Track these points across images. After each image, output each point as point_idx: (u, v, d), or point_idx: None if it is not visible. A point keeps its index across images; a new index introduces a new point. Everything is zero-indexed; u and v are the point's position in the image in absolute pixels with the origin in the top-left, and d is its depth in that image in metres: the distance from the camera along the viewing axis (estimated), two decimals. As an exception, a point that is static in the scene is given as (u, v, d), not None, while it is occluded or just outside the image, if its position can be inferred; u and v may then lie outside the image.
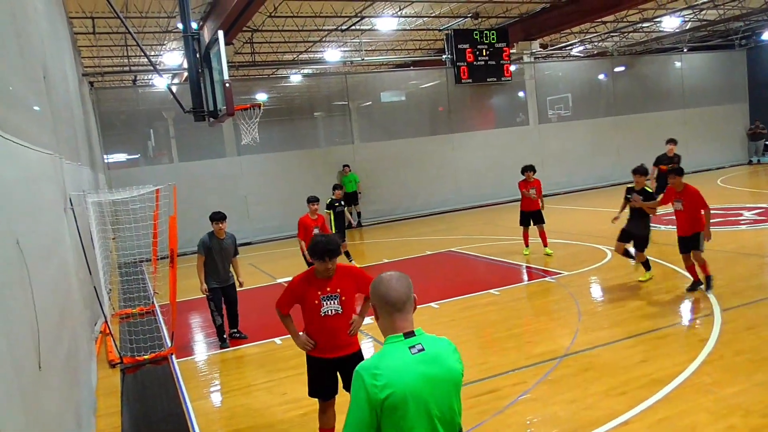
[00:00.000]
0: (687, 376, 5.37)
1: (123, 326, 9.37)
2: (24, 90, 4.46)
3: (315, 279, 4.34)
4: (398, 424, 2.29)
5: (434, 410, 2.33)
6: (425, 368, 2.34)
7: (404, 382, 2.29)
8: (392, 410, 2.27)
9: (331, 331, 4.35)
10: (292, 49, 23.17)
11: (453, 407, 2.40)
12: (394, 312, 2.44)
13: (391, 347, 2.39)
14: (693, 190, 7.98)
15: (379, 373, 2.29)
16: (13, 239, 2.95)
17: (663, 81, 24.42)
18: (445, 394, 2.37)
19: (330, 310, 4.32)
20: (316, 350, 4.43)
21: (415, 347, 2.38)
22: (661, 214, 14.66)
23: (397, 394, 2.27)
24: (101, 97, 17.50)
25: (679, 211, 8.10)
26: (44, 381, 3.25)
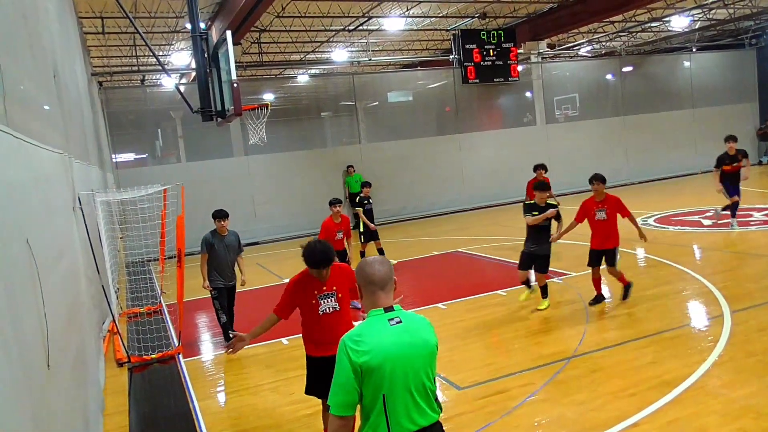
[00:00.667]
0: (697, 377, 5.32)
1: (131, 325, 9.40)
2: (35, 90, 4.48)
3: (311, 279, 4.42)
4: (376, 385, 2.57)
5: (409, 374, 2.62)
6: (401, 337, 2.65)
7: (382, 347, 2.59)
8: (370, 372, 2.56)
9: (329, 329, 4.39)
10: (299, 50, 23.20)
11: (427, 374, 2.68)
12: (377, 290, 2.74)
13: (373, 320, 2.69)
14: (615, 198, 7.66)
15: (360, 339, 2.60)
16: (23, 238, 2.95)
17: (672, 81, 24.29)
18: (419, 361, 2.65)
19: (328, 308, 4.41)
20: (315, 348, 4.50)
21: (394, 320, 2.69)
22: (671, 214, 14.61)
23: (375, 358, 2.56)
24: (110, 96, 17.58)
25: (601, 222, 7.62)
26: (53, 380, 3.25)
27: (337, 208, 9.01)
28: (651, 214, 14.89)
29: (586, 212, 7.72)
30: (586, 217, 7.73)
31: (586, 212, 7.72)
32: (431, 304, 9.04)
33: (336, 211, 9.00)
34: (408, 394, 2.62)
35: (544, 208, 7.70)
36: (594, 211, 7.62)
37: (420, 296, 9.88)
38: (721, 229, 12.09)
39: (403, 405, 2.61)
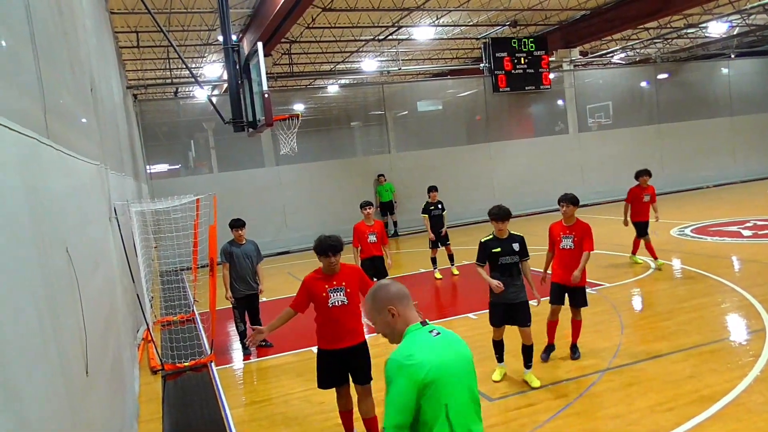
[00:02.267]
0: (738, 393, 5.16)
1: (164, 333, 9.53)
2: (73, 103, 4.60)
3: (322, 275, 4.79)
4: (438, 396, 2.46)
5: (462, 383, 2.56)
6: (447, 348, 2.58)
7: (435, 358, 2.50)
8: (430, 384, 2.44)
9: (337, 322, 4.72)
10: (329, 60, 23.41)
11: (472, 384, 2.63)
12: (409, 304, 2.71)
13: (414, 334, 2.62)
14: (585, 226, 6.40)
15: (411, 355, 2.49)
16: (62, 247, 3.02)
17: (709, 88, 23.78)
18: (465, 372, 2.60)
19: (337, 301, 4.72)
20: (325, 342, 4.82)
21: (433, 332, 2.63)
22: (708, 224, 14.26)
23: (433, 369, 2.46)
24: (144, 108, 17.97)
25: (567, 252, 6.38)
26: (91, 387, 3.31)
27: (368, 210, 8.90)
28: (688, 224, 14.54)
29: (552, 238, 6.54)
30: (553, 242, 6.54)
31: (552, 238, 6.54)
32: (462, 314, 8.97)
33: (367, 214, 8.90)
34: (466, 404, 2.57)
35: (508, 242, 5.96)
36: (560, 237, 6.44)
37: (450, 306, 9.83)
38: (760, 240, 11.75)
39: (464, 414, 2.55)
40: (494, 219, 5.97)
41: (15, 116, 2.35)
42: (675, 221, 15.25)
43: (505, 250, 5.92)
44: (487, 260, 6.00)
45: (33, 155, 2.61)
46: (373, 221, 9.01)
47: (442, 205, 11.63)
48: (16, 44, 2.69)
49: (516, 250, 5.92)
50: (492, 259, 5.95)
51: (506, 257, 5.91)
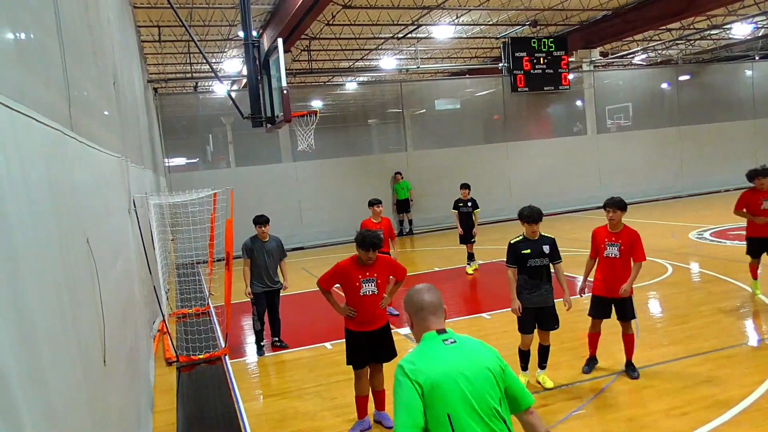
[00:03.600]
0: (755, 398, 5.10)
1: (180, 326, 9.63)
2: (96, 96, 4.67)
3: (358, 265, 5.17)
4: (439, 404, 2.45)
5: (473, 394, 2.47)
6: (457, 355, 2.57)
7: (439, 364, 2.52)
8: (431, 390, 2.46)
9: (367, 309, 5.19)
10: (348, 57, 23.46)
11: (492, 396, 2.51)
12: (428, 315, 2.72)
13: (427, 342, 2.67)
14: (635, 234, 5.89)
15: (416, 360, 2.57)
16: (83, 238, 3.07)
17: (732, 90, 23.45)
18: (481, 382, 2.51)
19: (368, 291, 5.16)
20: (354, 324, 5.24)
21: (448, 340, 2.64)
22: (728, 228, 14.09)
23: (433, 375, 2.48)
24: (164, 102, 18.14)
25: (611, 260, 5.90)
26: (108, 375, 3.36)
27: (377, 208, 9.03)
28: (707, 228, 14.38)
29: (596, 245, 6.08)
30: (596, 250, 6.09)
31: (596, 245, 6.08)
32: (475, 313, 8.97)
33: (375, 212, 9.02)
34: (477, 417, 2.46)
35: (538, 243, 5.79)
36: (605, 244, 5.95)
37: (464, 306, 9.82)
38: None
39: (469, 425, 2.44)
40: (526, 221, 5.79)
41: (41, 108, 2.39)
42: (694, 224, 15.09)
43: (534, 252, 5.73)
44: (516, 262, 5.81)
45: (57, 147, 2.66)
46: (381, 219, 9.10)
47: (473, 203, 11.62)
48: (44, 37, 2.74)
49: (546, 253, 5.75)
50: (521, 261, 5.76)
51: (535, 260, 5.73)
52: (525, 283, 5.77)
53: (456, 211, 11.69)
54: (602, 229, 6.05)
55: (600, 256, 6.03)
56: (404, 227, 18.97)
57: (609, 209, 5.93)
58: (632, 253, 5.85)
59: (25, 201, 2.05)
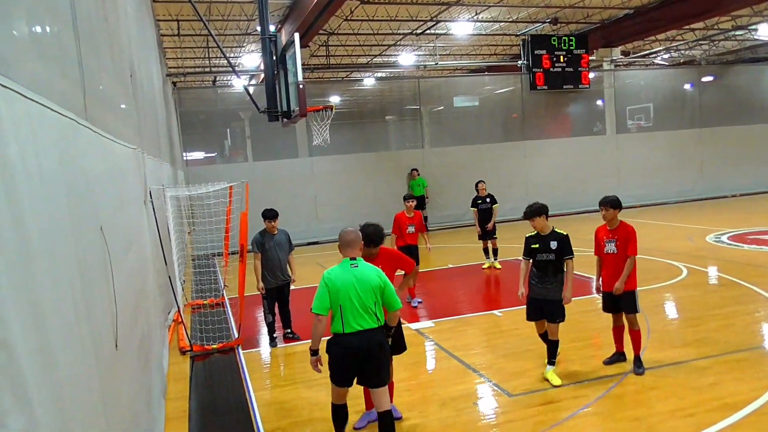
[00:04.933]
0: (763, 402, 5.06)
1: (194, 316, 9.77)
2: (112, 88, 4.76)
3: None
4: (337, 299, 4.39)
5: (355, 298, 4.38)
6: (355, 273, 4.47)
7: (341, 278, 4.45)
8: (335, 291, 4.40)
9: None
10: (366, 53, 23.48)
11: (369, 298, 4.41)
12: (347, 248, 4.57)
13: (342, 264, 4.54)
14: (630, 229, 6.12)
15: (332, 272, 4.51)
16: (97, 226, 3.16)
17: (756, 92, 23.09)
18: (364, 290, 4.41)
19: None
20: None
21: (354, 264, 4.51)
22: (746, 232, 13.91)
23: (336, 283, 4.42)
24: (183, 96, 18.33)
25: (611, 256, 6.12)
26: (120, 360, 3.45)
27: (409, 203, 9.42)
28: (725, 231, 14.20)
29: (597, 242, 6.34)
30: (598, 247, 6.34)
31: (597, 242, 6.34)
32: (487, 310, 8.98)
33: (408, 206, 9.40)
34: (356, 308, 4.38)
35: (546, 239, 6.01)
36: (603, 242, 6.22)
37: (476, 303, 9.83)
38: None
39: (352, 314, 4.39)
40: (526, 217, 6.13)
41: (56, 98, 2.46)
42: (712, 228, 14.91)
43: (542, 247, 5.98)
44: (528, 255, 6.10)
45: (71, 136, 2.73)
46: (413, 213, 9.49)
47: (491, 199, 11.66)
48: (59, 27, 2.81)
49: (552, 249, 5.93)
50: (531, 254, 6.07)
51: (542, 254, 5.97)
52: (533, 275, 6.10)
53: (475, 209, 11.71)
54: (602, 227, 6.31)
55: (602, 253, 6.26)
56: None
57: (601, 207, 6.20)
58: (625, 248, 6.04)
59: (39, 188, 2.12)
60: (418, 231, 9.47)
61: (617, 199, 6.19)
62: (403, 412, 5.45)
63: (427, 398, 5.79)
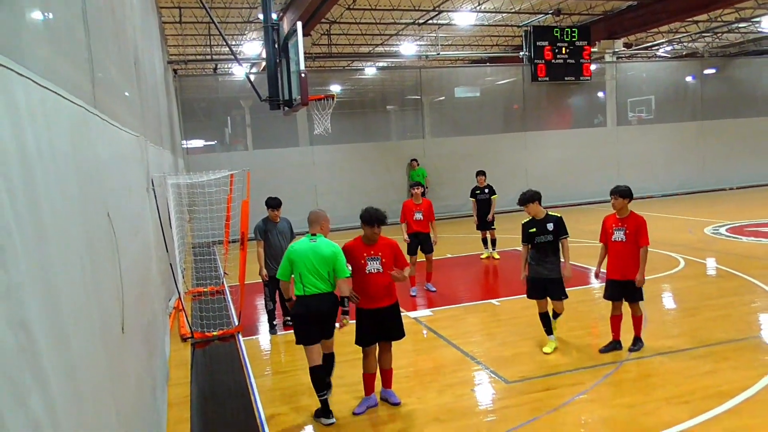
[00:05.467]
0: (757, 390, 5.16)
1: (195, 303, 9.85)
2: (118, 76, 4.80)
3: (362, 244, 5.48)
4: (297, 268, 5.27)
5: (311, 265, 5.23)
6: (312, 246, 5.30)
7: (301, 249, 5.31)
8: (294, 261, 5.28)
9: (373, 286, 5.39)
10: (368, 42, 23.44)
11: (323, 268, 5.24)
12: (310, 225, 5.47)
13: (305, 238, 5.41)
14: (640, 219, 6.26)
15: (294, 245, 5.44)
16: (104, 212, 3.22)
17: (758, 85, 23.07)
18: (318, 260, 5.23)
19: (373, 268, 5.39)
20: (363, 302, 5.41)
21: (313, 239, 5.35)
22: (745, 224, 13.98)
23: (296, 254, 5.30)
24: (184, 84, 18.31)
25: (619, 244, 6.23)
26: (127, 344, 3.52)
27: (415, 190, 9.57)
28: (724, 223, 14.28)
29: (604, 231, 6.46)
30: (605, 234, 6.46)
31: (604, 231, 6.46)
32: (485, 299, 9.06)
33: (415, 193, 9.54)
34: (312, 274, 5.23)
35: (542, 222, 6.43)
36: (612, 229, 6.34)
37: (474, 292, 9.91)
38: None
39: (308, 279, 5.24)
40: (520, 204, 6.58)
41: (67, 86, 2.52)
42: (710, 219, 14.99)
43: (539, 230, 6.42)
44: (527, 240, 6.51)
45: (82, 123, 2.79)
46: (421, 200, 9.56)
47: (490, 190, 11.71)
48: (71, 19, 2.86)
49: (550, 230, 6.38)
50: (529, 239, 6.48)
51: (541, 236, 6.41)
52: (533, 257, 6.52)
53: (474, 200, 11.77)
54: (612, 216, 6.45)
55: (609, 241, 6.39)
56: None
57: (612, 196, 6.40)
58: (635, 238, 6.19)
59: (53, 174, 2.18)
60: (427, 219, 9.49)
61: (628, 188, 6.38)
62: (401, 398, 5.54)
63: (426, 385, 5.88)
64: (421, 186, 9.86)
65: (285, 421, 5.32)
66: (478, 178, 11.85)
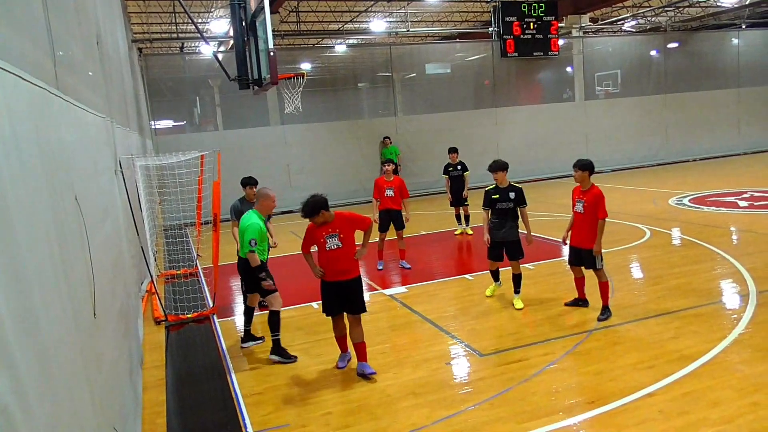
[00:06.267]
0: (716, 353, 5.38)
1: (168, 287, 9.78)
2: (81, 55, 4.70)
3: (321, 224, 5.72)
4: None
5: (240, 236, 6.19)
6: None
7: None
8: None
9: (334, 261, 5.70)
10: (337, 19, 23.16)
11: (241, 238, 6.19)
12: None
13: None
14: (598, 193, 6.58)
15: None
16: (71, 195, 3.18)
17: (718, 59, 23.55)
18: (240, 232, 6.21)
19: (333, 245, 5.69)
20: (327, 276, 5.77)
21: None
22: (707, 195, 14.36)
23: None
24: (149, 63, 17.91)
25: (578, 215, 6.71)
26: (99, 328, 3.51)
27: (386, 166, 9.75)
28: (687, 194, 14.65)
29: (572, 201, 6.88)
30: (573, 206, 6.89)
31: (572, 201, 6.88)
32: (459, 275, 9.19)
33: (386, 170, 9.72)
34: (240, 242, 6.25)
35: (506, 191, 7.08)
36: (575, 201, 6.78)
37: (448, 267, 10.02)
38: (755, 211, 11.88)
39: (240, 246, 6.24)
40: (490, 170, 7.22)
41: (28, 67, 2.47)
42: (674, 191, 15.35)
43: (502, 197, 7.11)
44: (489, 205, 7.17)
45: (44, 105, 2.74)
46: (393, 177, 9.71)
47: (462, 166, 11.80)
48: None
49: (511, 198, 7.08)
50: (491, 204, 7.16)
51: (502, 203, 7.11)
52: (494, 222, 7.23)
53: (446, 176, 11.86)
54: (577, 188, 6.88)
55: (573, 211, 6.85)
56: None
57: (573, 169, 6.78)
58: (593, 210, 6.57)
59: (15, 159, 2.15)
60: (398, 196, 9.65)
61: (589, 162, 6.72)
62: (378, 374, 5.63)
63: (402, 360, 5.97)
64: (393, 163, 9.97)
65: (262, 401, 5.37)
66: (450, 155, 11.92)
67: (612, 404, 4.64)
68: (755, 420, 4.25)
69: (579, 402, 4.74)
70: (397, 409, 4.92)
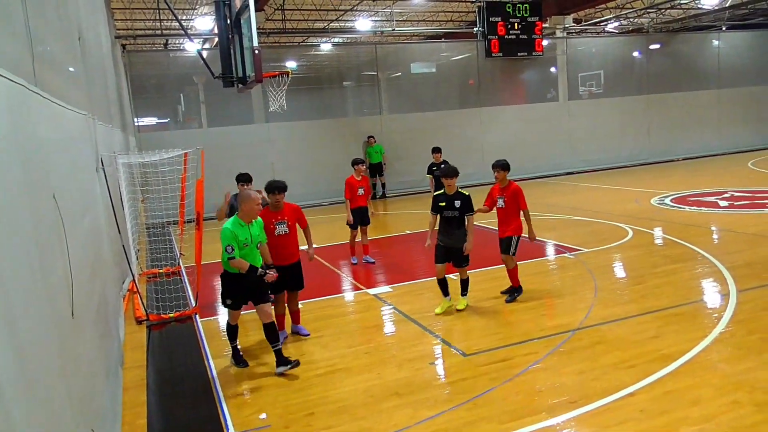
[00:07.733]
0: (697, 352, 5.43)
1: (150, 285, 9.68)
2: (61, 51, 4.63)
3: (271, 211, 6.44)
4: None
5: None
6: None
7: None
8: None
9: (282, 246, 6.44)
10: (322, 18, 23.10)
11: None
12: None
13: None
14: (516, 188, 7.39)
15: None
16: (49, 193, 3.13)
17: (699, 60, 23.88)
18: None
19: (281, 231, 6.44)
20: (276, 260, 6.31)
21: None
22: (688, 194, 14.53)
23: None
24: (133, 60, 17.72)
25: (501, 210, 7.51)
26: (77, 328, 3.46)
27: (359, 167, 10.00)
28: (668, 194, 14.80)
29: (491, 198, 7.59)
30: (492, 202, 7.59)
31: (491, 198, 7.59)
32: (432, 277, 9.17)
33: (357, 170, 9.98)
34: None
35: (451, 198, 7.08)
36: (496, 198, 7.51)
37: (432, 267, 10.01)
38: (736, 211, 12.04)
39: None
40: (440, 176, 7.26)
41: (5, 63, 2.42)
42: (656, 190, 15.51)
43: (447, 205, 7.12)
44: (435, 211, 7.26)
45: (22, 102, 2.69)
46: (362, 176, 10.05)
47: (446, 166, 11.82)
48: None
49: (456, 207, 7.07)
50: (438, 210, 7.22)
51: (448, 211, 7.13)
52: (441, 227, 7.27)
53: (430, 176, 11.86)
54: (496, 186, 7.57)
55: (496, 208, 7.54)
56: (377, 191, 19.08)
57: (494, 170, 7.49)
58: (514, 203, 7.35)
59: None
60: (367, 194, 10.13)
61: (507, 162, 7.55)
62: (361, 373, 5.63)
63: (385, 360, 5.96)
64: (364, 163, 10.45)
65: (244, 401, 5.33)
66: (434, 155, 11.95)
67: (594, 404, 4.66)
68: (735, 418, 4.30)
69: (562, 402, 4.76)
70: (381, 409, 4.91)
